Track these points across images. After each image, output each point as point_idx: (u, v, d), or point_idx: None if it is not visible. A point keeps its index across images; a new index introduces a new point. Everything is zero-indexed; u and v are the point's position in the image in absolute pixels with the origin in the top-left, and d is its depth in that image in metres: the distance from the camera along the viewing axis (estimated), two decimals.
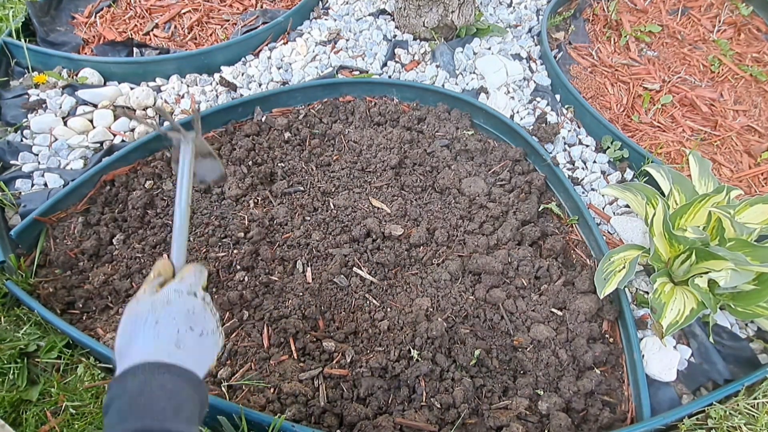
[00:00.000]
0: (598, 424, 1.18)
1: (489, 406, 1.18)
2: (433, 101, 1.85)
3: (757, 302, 1.29)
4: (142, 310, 0.80)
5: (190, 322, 0.81)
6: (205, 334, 0.82)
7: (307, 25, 2.17)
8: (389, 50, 2.00)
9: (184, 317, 0.81)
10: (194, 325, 0.81)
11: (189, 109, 1.80)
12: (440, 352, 1.24)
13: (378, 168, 1.64)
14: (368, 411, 1.13)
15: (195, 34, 2.10)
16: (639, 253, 1.35)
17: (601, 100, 1.95)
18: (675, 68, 2.09)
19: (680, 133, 1.85)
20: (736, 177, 1.73)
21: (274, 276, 1.38)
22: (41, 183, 1.57)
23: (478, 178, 1.62)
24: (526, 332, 1.31)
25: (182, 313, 0.81)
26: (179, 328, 0.79)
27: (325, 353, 1.23)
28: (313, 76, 1.92)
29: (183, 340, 0.79)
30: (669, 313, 1.27)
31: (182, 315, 0.81)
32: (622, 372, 1.28)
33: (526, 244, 1.48)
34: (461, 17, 2.03)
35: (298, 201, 1.55)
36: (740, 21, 2.30)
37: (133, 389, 0.71)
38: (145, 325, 0.79)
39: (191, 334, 0.80)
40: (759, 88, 2.04)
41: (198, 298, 0.84)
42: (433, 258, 1.44)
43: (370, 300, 1.35)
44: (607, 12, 2.28)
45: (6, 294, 1.31)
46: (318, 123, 1.79)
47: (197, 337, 0.81)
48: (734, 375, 1.30)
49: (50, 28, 2.06)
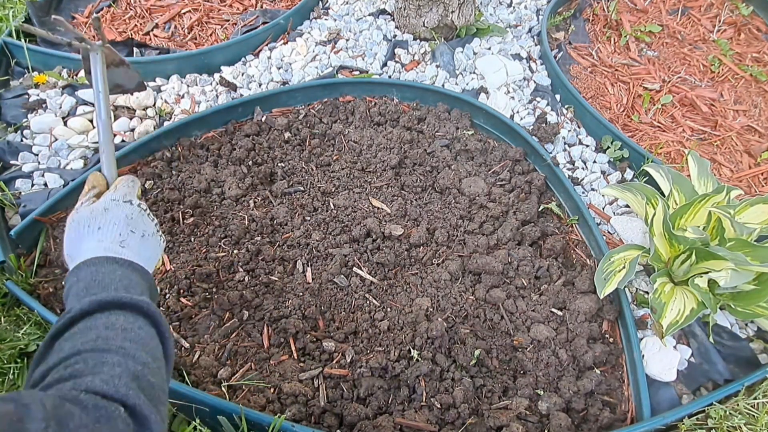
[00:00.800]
0: (598, 424, 1.18)
1: (489, 406, 1.18)
2: (433, 101, 1.85)
3: (757, 302, 1.29)
4: (83, 217, 0.85)
5: (130, 225, 0.86)
6: (146, 236, 0.88)
7: (307, 25, 2.17)
8: (389, 50, 2.00)
9: (124, 222, 0.86)
10: (134, 228, 0.86)
11: (189, 109, 1.80)
12: (440, 352, 1.24)
13: (378, 168, 1.64)
14: (368, 411, 1.13)
15: (195, 34, 2.10)
16: (639, 253, 1.35)
17: (601, 100, 1.95)
18: (675, 68, 2.09)
19: (680, 133, 1.85)
20: (736, 177, 1.73)
21: (274, 276, 1.38)
22: (41, 183, 1.57)
23: (478, 178, 1.62)
24: (526, 332, 1.31)
25: (121, 218, 0.86)
26: (120, 231, 0.85)
27: (325, 353, 1.23)
28: (313, 76, 1.92)
29: (126, 240, 0.85)
30: (669, 313, 1.27)
31: (121, 220, 0.86)
32: (622, 372, 1.28)
33: (526, 244, 1.48)
34: (461, 17, 2.03)
35: (298, 201, 1.55)
36: (740, 21, 2.30)
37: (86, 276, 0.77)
38: (89, 230, 0.84)
39: (133, 236, 0.86)
40: (759, 88, 2.04)
41: (134, 205, 0.89)
42: (433, 258, 1.44)
43: (370, 300, 1.35)
44: (607, 12, 2.28)
45: (6, 294, 1.31)
46: (318, 123, 1.79)
47: (139, 238, 0.87)
48: (734, 375, 1.30)
49: (50, 28, 2.06)
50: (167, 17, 2.13)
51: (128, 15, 2.15)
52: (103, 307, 0.72)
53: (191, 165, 1.62)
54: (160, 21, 2.11)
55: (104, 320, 0.71)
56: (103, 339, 0.68)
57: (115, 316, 0.71)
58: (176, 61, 1.90)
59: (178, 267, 1.37)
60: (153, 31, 2.09)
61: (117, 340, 0.68)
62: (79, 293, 0.76)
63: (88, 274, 0.78)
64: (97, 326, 0.70)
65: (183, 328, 1.27)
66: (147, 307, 0.75)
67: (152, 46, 2.01)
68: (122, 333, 0.70)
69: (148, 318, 0.75)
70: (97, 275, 0.77)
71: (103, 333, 0.69)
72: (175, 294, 1.31)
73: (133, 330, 0.71)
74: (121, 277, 0.79)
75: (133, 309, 0.74)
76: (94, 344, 0.66)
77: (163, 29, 2.10)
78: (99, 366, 0.64)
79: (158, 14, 2.15)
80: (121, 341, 0.68)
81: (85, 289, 0.76)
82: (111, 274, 0.78)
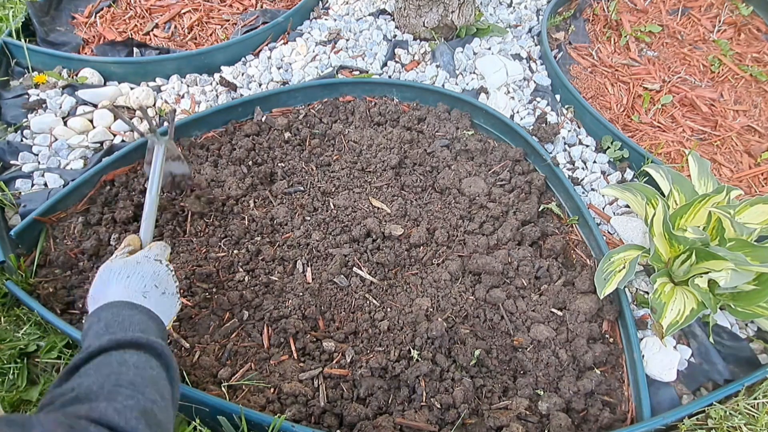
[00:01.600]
0: (598, 424, 1.18)
1: (489, 406, 1.18)
2: (433, 101, 1.85)
3: (757, 302, 1.29)
4: (116, 266, 0.96)
5: (155, 281, 0.96)
6: (167, 294, 0.98)
7: (307, 25, 2.17)
8: (389, 50, 2.00)
9: (151, 277, 0.96)
10: (158, 284, 0.96)
11: (189, 109, 1.80)
12: (440, 352, 1.24)
13: (378, 168, 1.64)
14: (368, 411, 1.13)
15: (195, 34, 2.10)
16: (639, 253, 1.35)
17: (601, 100, 1.95)
18: (675, 68, 2.09)
19: (680, 133, 1.85)
20: (736, 177, 1.73)
21: (274, 276, 1.38)
22: (41, 183, 1.57)
23: (478, 178, 1.62)
24: (526, 332, 1.31)
25: (149, 273, 0.96)
26: (146, 284, 0.94)
27: (325, 353, 1.23)
28: (313, 76, 1.92)
29: (149, 292, 0.94)
30: (669, 314, 1.27)
31: (149, 274, 0.96)
32: (622, 372, 1.28)
33: (526, 244, 1.48)
34: (461, 17, 2.03)
35: (298, 201, 1.55)
36: (740, 21, 2.30)
37: (107, 317, 0.84)
38: (118, 278, 0.93)
39: (156, 290, 0.95)
40: (759, 88, 2.04)
41: (163, 264, 1.00)
42: (433, 258, 1.44)
43: (370, 300, 1.35)
44: (607, 12, 2.28)
45: (6, 294, 1.31)
46: (318, 123, 1.79)
47: (160, 294, 0.96)
48: (734, 375, 1.30)
49: (50, 28, 2.06)
50: (167, 17, 2.13)
51: (128, 15, 2.15)
52: (120, 346, 0.77)
53: (191, 165, 1.62)
54: (160, 21, 2.11)
55: (119, 357, 0.75)
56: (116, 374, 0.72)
57: (129, 355, 0.76)
58: (176, 61, 1.90)
59: (178, 267, 1.37)
60: (153, 31, 2.09)
61: (129, 375, 0.72)
62: (99, 331, 0.81)
63: (110, 315, 0.85)
64: (111, 362, 0.74)
65: (183, 328, 1.27)
66: (161, 349, 0.80)
67: (152, 46, 2.01)
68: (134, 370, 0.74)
69: (160, 360, 0.80)
70: (118, 317, 0.84)
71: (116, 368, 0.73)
72: None
73: (146, 369, 0.76)
74: (139, 321, 0.86)
75: (147, 350, 0.80)
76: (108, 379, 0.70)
77: (163, 29, 2.10)
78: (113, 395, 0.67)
79: (158, 14, 2.15)
80: (133, 377, 0.72)
81: (105, 328, 0.82)
82: (130, 318, 0.85)
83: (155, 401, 0.71)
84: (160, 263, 1.00)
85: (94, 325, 0.83)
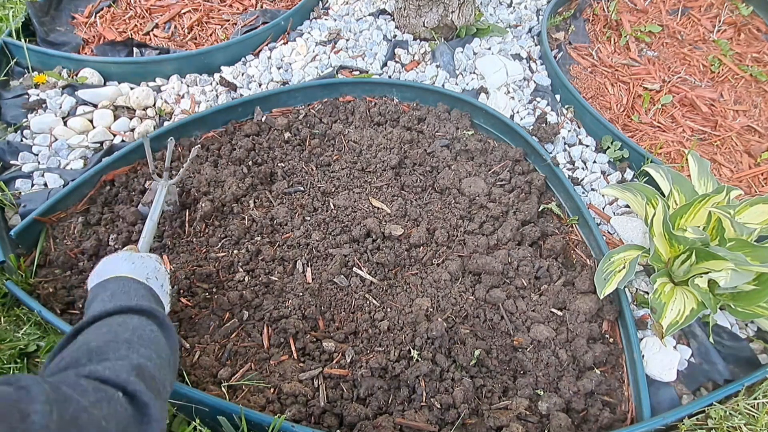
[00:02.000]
0: (598, 424, 1.18)
1: (489, 406, 1.18)
2: (433, 101, 1.85)
3: (757, 302, 1.29)
4: (121, 254, 1.03)
5: (156, 274, 1.03)
6: (164, 289, 1.04)
7: (307, 25, 2.17)
8: (389, 50, 2.00)
9: (153, 268, 1.03)
10: (158, 277, 1.03)
11: (189, 109, 1.80)
12: (440, 353, 1.24)
13: (378, 168, 1.64)
14: (368, 411, 1.13)
15: (195, 34, 2.10)
16: (639, 253, 1.35)
17: (601, 100, 1.95)
18: (675, 68, 2.09)
19: (680, 133, 1.85)
20: (736, 177, 1.73)
21: (274, 276, 1.38)
22: (41, 183, 1.57)
23: (478, 178, 1.62)
24: (526, 332, 1.31)
25: (152, 265, 1.04)
26: (149, 272, 1.01)
27: (325, 353, 1.23)
28: (313, 76, 1.92)
29: (151, 279, 1.00)
30: (669, 314, 1.27)
31: (152, 267, 1.03)
32: (622, 372, 1.28)
33: (526, 244, 1.48)
34: (461, 17, 2.03)
35: (298, 201, 1.55)
36: (740, 21, 2.30)
37: (114, 287, 0.89)
38: (125, 262, 1.00)
39: (156, 282, 1.01)
40: (759, 88, 2.04)
41: (163, 266, 1.07)
42: (433, 258, 1.44)
43: (370, 300, 1.35)
44: (607, 12, 2.28)
45: (6, 294, 1.31)
46: (318, 123, 1.78)
47: (160, 286, 1.02)
48: (734, 375, 1.30)
49: (50, 28, 2.06)
50: (167, 17, 2.13)
51: (128, 15, 2.15)
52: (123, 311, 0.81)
53: (191, 165, 1.62)
54: (160, 21, 2.11)
55: (120, 320, 0.79)
56: (113, 333, 0.74)
57: (130, 318, 0.80)
58: (176, 61, 1.90)
59: (178, 267, 1.37)
60: (153, 31, 2.09)
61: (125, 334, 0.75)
62: (105, 299, 0.86)
63: (116, 286, 0.90)
64: (111, 323, 0.78)
65: (183, 328, 1.27)
66: (162, 318, 0.85)
67: (152, 46, 2.01)
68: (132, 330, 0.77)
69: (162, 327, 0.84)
70: (124, 288, 0.90)
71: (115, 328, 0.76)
72: (175, 294, 1.31)
73: (144, 330, 0.79)
74: (144, 294, 0.91)
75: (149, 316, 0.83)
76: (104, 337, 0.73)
77: (163, 29, 2.10)
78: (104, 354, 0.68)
79: (158, 14, 2.15)
80: (129, 335, 0.75)
81: (111, 296, 0.87)
82: (136, 290, 0.91)
83: (150, 357, 0.74)
84: (161, 264, 1.07)
85: (101, 294, 0.88)
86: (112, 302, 0.84)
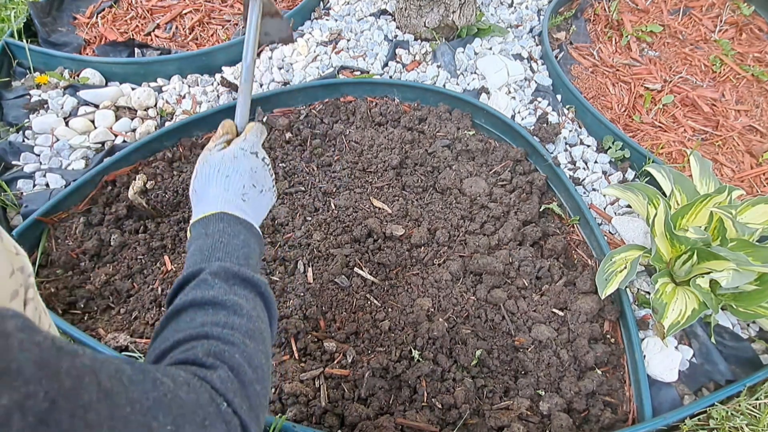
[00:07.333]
0: (599, 424, 1.18)
1: (490, 406, 1.17)
2: (434, 101, 1.85)
3: (759, 303, 1.29)
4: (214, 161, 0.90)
5: (252, 179, 0.91)
6: (264, 191, 0.94)
7: (308, 25, 2.17)
8: (390, 50, 2.00)
9: (249, 174, 0.91)
10: (256, 182, 0.92)
11: (190, 109, 1.81)
12: (441, 353, 1.24)
13: (379, 168, 1.64)
14: (369, 411, 1.13)
15: (196, 34, 2.10)
16: (640, 253, 1.35)
17: (602, 100, 1.95)
18: (676, 68, 2.09)
19: (681, 133, 1.85)
20: (738, 177, 1.73)
21: (275, 276, 1.38)
22: (43, 183, 1.58)
23: (479, 178, 1.62)
24: (527, 332, 1.31)
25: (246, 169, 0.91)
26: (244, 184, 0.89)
27: (326, 353, 1.23)
28: (314, 77, 1.92)
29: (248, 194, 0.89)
30: (670, 314, 1.27)
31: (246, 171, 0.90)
32: (623, 372, 1.28)
33: (527, 244, 1.47)
34: (462, 17, 2.03)
35: (299, 201, 1.55)
36: (742, 21, 2.30)
37: (215, 233, 0.81)
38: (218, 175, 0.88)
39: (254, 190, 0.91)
40: (761, 88, 2.04)
41: (259, 158, 0.94)
42: (434, 258, 1.44)
43: (372, 300, 1.35)
44: (608, 12, 2.27)
45: None
46: (319, 123, 1.79)
47: (258, 193, 0.92)
48: (736, 375, 1.30)
49: (52, 29, 2.06)
50: (168, 18, 2.13)
51: (130, 15, 2.15)
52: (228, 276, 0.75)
53: (192, 165, 1.62)
54: (162, 21, 2.12)
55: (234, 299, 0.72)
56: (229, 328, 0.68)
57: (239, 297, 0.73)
58: (177, 62, 1.90)
59: (178, 267, 1.37)
60: (154, 31, 2.09)
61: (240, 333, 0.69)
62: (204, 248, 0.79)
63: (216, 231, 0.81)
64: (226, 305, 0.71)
65: None
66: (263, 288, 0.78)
67: (153, 46, 2.01)
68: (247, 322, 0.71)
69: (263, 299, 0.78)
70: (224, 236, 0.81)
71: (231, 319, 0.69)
72: None
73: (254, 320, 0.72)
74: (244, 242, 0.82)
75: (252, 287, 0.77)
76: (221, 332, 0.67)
77: (165, 30, 2.10)
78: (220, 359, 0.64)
79: (159, 15, 2.15)
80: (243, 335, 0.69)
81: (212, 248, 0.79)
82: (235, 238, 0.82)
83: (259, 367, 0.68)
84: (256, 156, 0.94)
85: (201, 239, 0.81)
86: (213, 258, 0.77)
